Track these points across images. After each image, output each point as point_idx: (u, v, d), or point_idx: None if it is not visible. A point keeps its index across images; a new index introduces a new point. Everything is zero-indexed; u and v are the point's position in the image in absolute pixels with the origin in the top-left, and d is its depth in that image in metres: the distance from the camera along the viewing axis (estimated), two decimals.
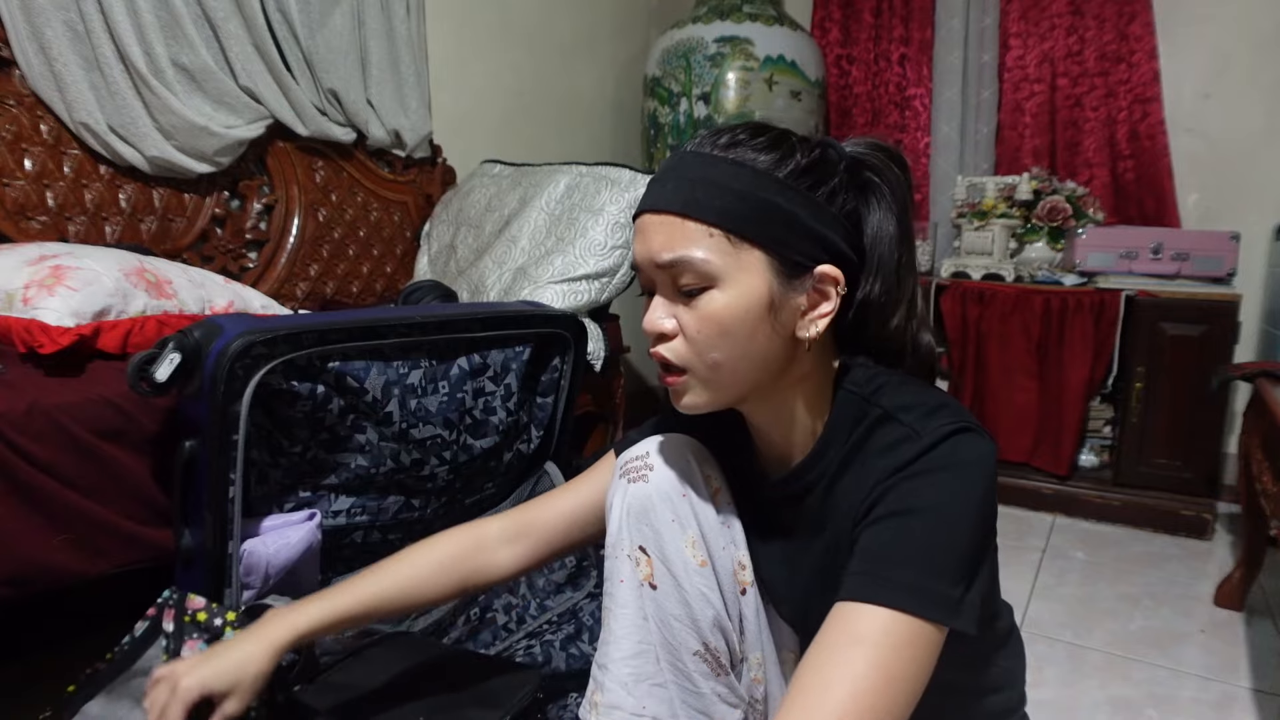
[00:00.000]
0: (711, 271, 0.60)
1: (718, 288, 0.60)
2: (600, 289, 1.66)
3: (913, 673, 0.54)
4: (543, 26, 2.53)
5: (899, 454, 0.59)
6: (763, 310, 0.61)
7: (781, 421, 0.69)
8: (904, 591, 0.54)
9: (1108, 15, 2.44)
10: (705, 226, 0.60)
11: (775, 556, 0.75)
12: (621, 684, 0.69)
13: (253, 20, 1.67)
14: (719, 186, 0.60)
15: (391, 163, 2.10)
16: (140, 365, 0.89)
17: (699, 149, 0.63)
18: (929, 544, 0.56)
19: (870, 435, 0.64)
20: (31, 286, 1.07)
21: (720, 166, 0.61)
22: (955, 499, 0.57)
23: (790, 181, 0.60)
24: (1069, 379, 2.16)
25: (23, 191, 1.43)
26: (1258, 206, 2.28)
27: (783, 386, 0.66)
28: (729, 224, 0.59)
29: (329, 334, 1.01)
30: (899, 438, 0.60)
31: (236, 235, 1.77)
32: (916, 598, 0.54)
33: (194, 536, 0.96)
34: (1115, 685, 1.39)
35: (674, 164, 0.64)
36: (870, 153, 0.65)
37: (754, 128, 0.63)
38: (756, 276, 0.60)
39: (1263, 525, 1.55)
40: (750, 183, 0.60)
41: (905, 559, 0.56)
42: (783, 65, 2.46)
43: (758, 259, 0.60)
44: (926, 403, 0.62)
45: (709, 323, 0.61)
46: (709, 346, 0.61)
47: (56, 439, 0.93)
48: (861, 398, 0.66)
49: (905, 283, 0.66)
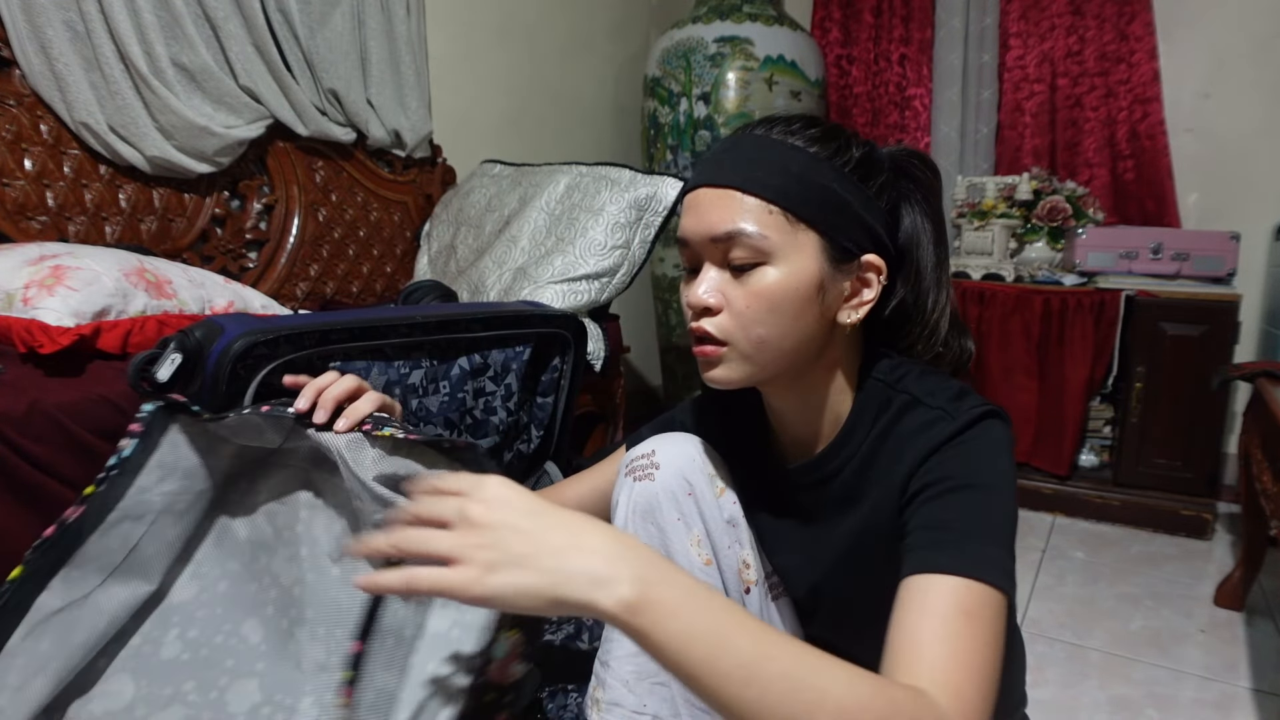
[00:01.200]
0: (768, 247, 0.61)
1: (771, 264, 0.61)
2: (600, 289, 1.66)
3: (995, 637, 0.52)
4: (543, 26, 2.53)
5: (935, 433, 0.61)
6: (812, 291, 0.62)
7: (807, 406, 0.69)
8: (976, 561, 0.54)
9: (1108, 15, 2.44)
10: (765, 203, 0.61)
11: (791, 543, 0.75)
12: (623, 681, 0.70)
13: (253, 20, 1.67)
14: (778, 167, 0.61)
15: (391, 163, 2.10)
16: (141, 365, 0.89)
17: (756, 133, 0.64)
18: (988, 515, 0.57)
19: (899, 420, 0.65)
20: (31, 286, 1.07)
21: (779, 149, 0.62)
22: (999, 475, 0.59)
23: (844, 171, 0.63)
24: (1069, 379, 2.16)
25: (23, 191, 1.43)
26: (1258, 206, 2.28)
27: (814, 370, 0.67)
28: (787, 202, 0.61)
29: (330, 334, 1.01)
30: (932, 419, 0.62)
31: (236, 235, 1.77)
32: (987, 566, 0.54)
33: None
34: (1115, 685, 1.39)
35: (731, 144, 0.65)
36: (907, 157, 0.69)
37: (809, 118, 0.65)
38: (809, 257, 0.61)
39: (1263, 525, 1.55)
40: (808, 167, 0.62)
41: (970, 530, 0.56)
42: (783, 65, 2.46)
43: (811, 240, 0.61)
44: (950, 388, 0.64)
45: (759, 298, 0.61)
46: (755, 322, 0.62)
47: (56, 439, 0.93)
48: (886, 385, 0.67)
49: (943, 284, 0.69)
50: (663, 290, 2.69)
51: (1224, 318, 1.99)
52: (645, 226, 1.69)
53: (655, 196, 1.68)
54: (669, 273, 2.63)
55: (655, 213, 1.69)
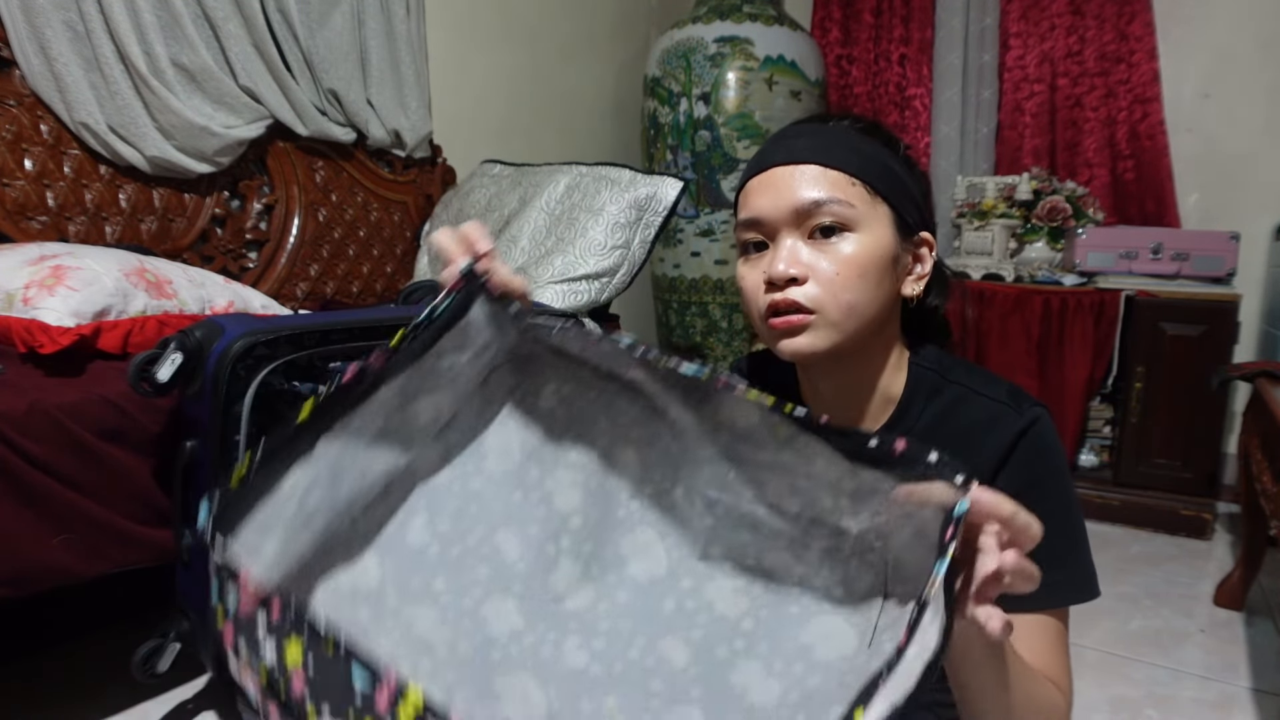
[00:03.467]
0: (854, 216, 0.63)
1: (857, 231, 0.63)
2: (600, 289, 1.66)
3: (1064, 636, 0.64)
4: (543, 26, 2.54)
5: (1002, 432, 0.64)
6: (889, 260, 0.64)
7: (860, 384, 0.70)
8: (1071, 589, 0.64)
9: (1108, 15, 2.44)
10: (848, 176, 0.63)
11: None
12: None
13: (253, 20, 1.67)
14: (853, 147, 0.65)
15: (391, 163, 2.10)
16: (142, 365, 0.89)
17: (814, 124, 0.68)
18: (1075, 538, 0.64)
19: (956, 410, 0.68)
20: (32, 286, 1.07)
21: (845, 134, 0.66)
22: (1071, 486, 0.65)
23: (900, 156, 0.67)
24: (1069, 379, 2.16)
25: (23, 191, 1.43)
26: (1258, 206, 2.28)
27: (874, 345, 0.68)
28: (867, 176, 0.64)
29: (330, 334, 1.01)
30: (995, 414, 0.65)
31: (236, 235, 1.77)
32: (1081, 588, 0.64)
33: (194, 536, 0.96)
34: (1115, 685, 1.39)
35: (794, 133, 0.68)
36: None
37: (856, 116, 0.69)
38: (885, 228, 0.64)
39: (1262, 525, 1.55)
40: (876, 150, 0.66)
41: (1064, 560, 0.62)
42: (783, 65, 2.46)
43: (886, 213, 0.65)
44: (1001, 382, 0.68)
45: (850, 264, 0.62)
46: (845, 288, 0.62)
47: (57, 439, 0.92)
48: (936, 373, 0.70)
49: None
50: (663, 290, 2.69)
51: (1224, 318, 1.99)
52: (645, 226, 1.69)
53: (655, 196, 1.68)
54: (669, 273, 2.63)
55: (655, 213, 1.69)
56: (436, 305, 0.58)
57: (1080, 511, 0.66)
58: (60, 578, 0.94)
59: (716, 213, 2.51)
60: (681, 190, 1.70)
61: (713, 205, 2.51)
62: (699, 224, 2.53)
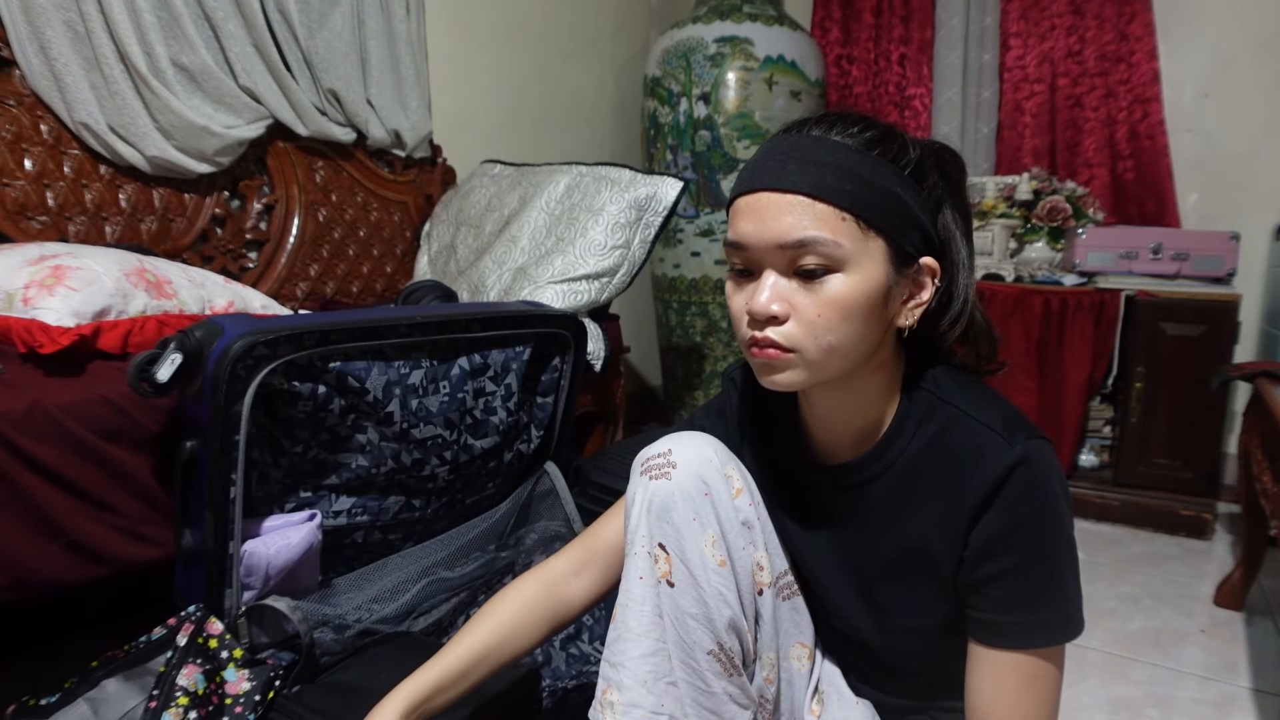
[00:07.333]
0: (842, 256, 0.59)
1: (843, 271, 0.59)
2: (600, 289, 1.66)
3: (1055, 686, 0.64)
4: (543, 26, 2.53)
5: (990, 466, 0.61)
6: (880, 298, 0.61)
7: (849, 407, 0.69)
8: (1049, 630, 0.62)
9: (1108, 15, 2.44)
10: (837, 210, 0.59)
11: (822, 545, 0.75)
12: (641, 682, 0.69)
13: (253, 20, 1.67)
14: (848, 172, 0.59)
15: (391, 163, 2.10)
16: (142, 366, 0.89)
17: (814, 134, 0.62)
18: (1059, 580, 0.62)
19: (946, 433, 0.65)
20: (32, 286, 1.07)
21: (843, 152, 0.60)
22: (1063, 524, 0.62)
23: (905, 174, 0.62)
24: (1069, 379, 2.16)
25: (23, 191, 1.43)
26: (1258, 206, 2.29)
27: (863, 371, 0.66)
28: (860, 210, 0.59)
29: (330, 334, 1.01)
30: (983, 442, 0.63)
31: (236, 235, 1.77)
32: (1060, 629, 0.62)
33: (195, 537, 0.96)
34: (1115, 685, 1.39)
35: (788, 145, 0.62)
36: (940, 153, 0.67)
37: (863, 118, 0.63)
38: (878, 264, 0.60)
39: (1262, 525, 1.56)
40: (875, 171, 0.60)
41: (1044, 602, 0.62)
42: (783, 65, 2.46)
43: (880, 247, 0.60)
44: (998, 406, 0.65)
45: (832, 307, 0.60)
46: (827, 330, 0.60)
47: (57, 439, 0.92)
48: (929, 392, 0.67)
49: (971, 276, 0.69)
50: (663, 290, 2.69)
51: (1224, 318, 1.99)
52: (645, 227, 1.69)
53: (655, 196, 1.68)
54: (669, 273, 2.63)
55: (655, 213, 1.69)
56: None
57: (1072, 549, 0.63)
58: (60, 578, 0.94)
59: (716, 213, 2.51)
60: (681, 190, 1.70)
61: (713, 205, 2.51)
62: (699, 224, 2.53)
